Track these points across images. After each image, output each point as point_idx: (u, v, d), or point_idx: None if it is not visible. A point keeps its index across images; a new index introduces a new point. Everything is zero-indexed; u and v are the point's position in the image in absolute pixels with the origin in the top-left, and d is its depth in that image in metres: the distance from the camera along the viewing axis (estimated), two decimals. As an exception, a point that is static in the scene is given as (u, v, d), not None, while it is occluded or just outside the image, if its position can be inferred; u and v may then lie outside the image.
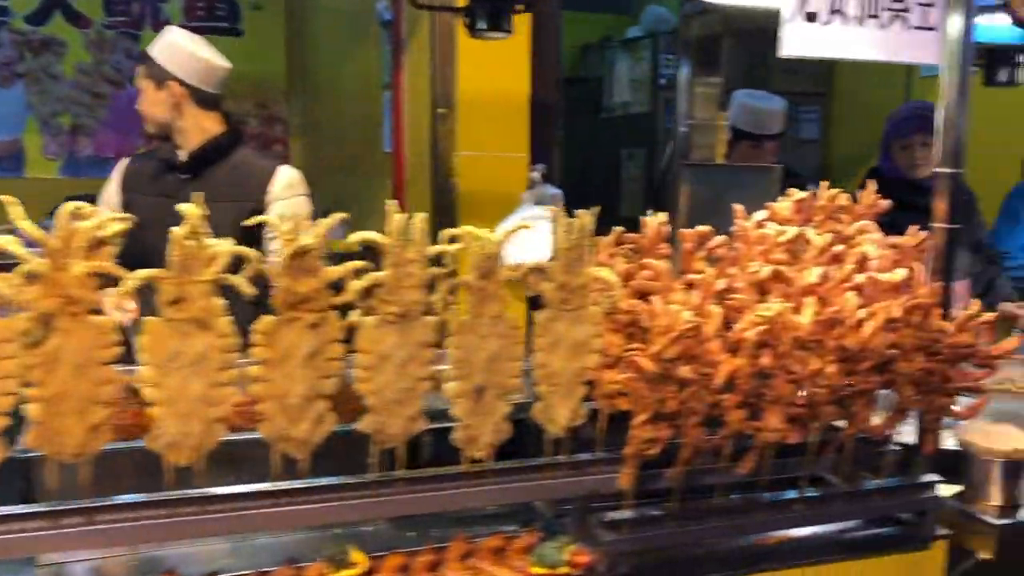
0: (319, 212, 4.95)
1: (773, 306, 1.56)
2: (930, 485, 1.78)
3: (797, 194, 1.90)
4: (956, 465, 1.91)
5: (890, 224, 3.41)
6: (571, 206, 1.89)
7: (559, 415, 1.55)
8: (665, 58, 6.27)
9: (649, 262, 1.61)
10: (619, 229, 1.69)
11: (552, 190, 3.71)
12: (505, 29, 2.51)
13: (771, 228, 1.78)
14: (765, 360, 1.55)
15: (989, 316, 1.70)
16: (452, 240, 1.47)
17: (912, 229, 1.84)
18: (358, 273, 1.39)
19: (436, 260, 1.46)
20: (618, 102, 6.75)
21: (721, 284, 1.65)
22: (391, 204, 1.41)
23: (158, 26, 5.28)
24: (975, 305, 1.70)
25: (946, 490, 1.94)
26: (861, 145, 6.48)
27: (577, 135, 6.75)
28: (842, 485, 1.71)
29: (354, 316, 1.39)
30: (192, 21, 5.78)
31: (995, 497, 1.90)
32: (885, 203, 1.92)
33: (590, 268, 1.53)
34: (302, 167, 6.86)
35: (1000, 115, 5.52)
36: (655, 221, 1.70)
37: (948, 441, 1.95)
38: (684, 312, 1.48)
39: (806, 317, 1.55)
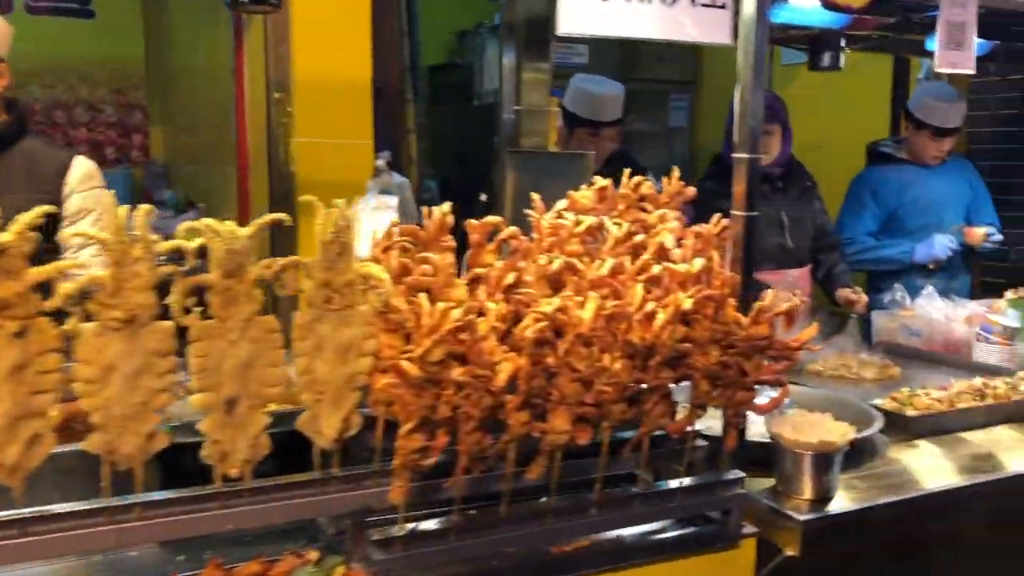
0: (180, 203, 4.67)
1: (554, 301, 1.46)
2: (736, 482, 1.72)
3: (599, 182, 1.82)
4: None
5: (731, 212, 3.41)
6: (446, 196, 1.79)
7: (327, 426, 1.42)
8: (533, 44, 6.19)
9: (427, 256, 1.49)
10: (394, 220, 1.56)
11: (398, 178, 3.57)
12: (272, 3, 2.40)
13: (568, 218, 1.69)
14: (547, 358, 1.45)
15: (786, 307, 1.64)
16: (191, 234, 1.31)
17: (715, 217, 1.77)
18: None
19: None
20: (489, 89, 6.63)
21: (510, 278, 1.55)
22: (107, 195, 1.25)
23: (3, 8, 4.92)
24: (772, 295, 1.64)
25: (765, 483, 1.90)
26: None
27: (451, 123, 6.61)
28: (640, 486, 1.63)
29: (71, 323, 1.23)
30: (38, 1, 5.42)
31: (806, 491, 1.86)
32: (691, 191, 1.85)
33: (356, 263, 1.41)
34: (164, 156, 6.51)
35: (847, 102, 5.64)
36: (438, 212, 1.59)
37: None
38: (453, 310, 1.37)
39: (587, 312, 1.45)
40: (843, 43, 2.68)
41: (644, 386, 1.55)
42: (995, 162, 4.98)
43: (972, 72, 2.34)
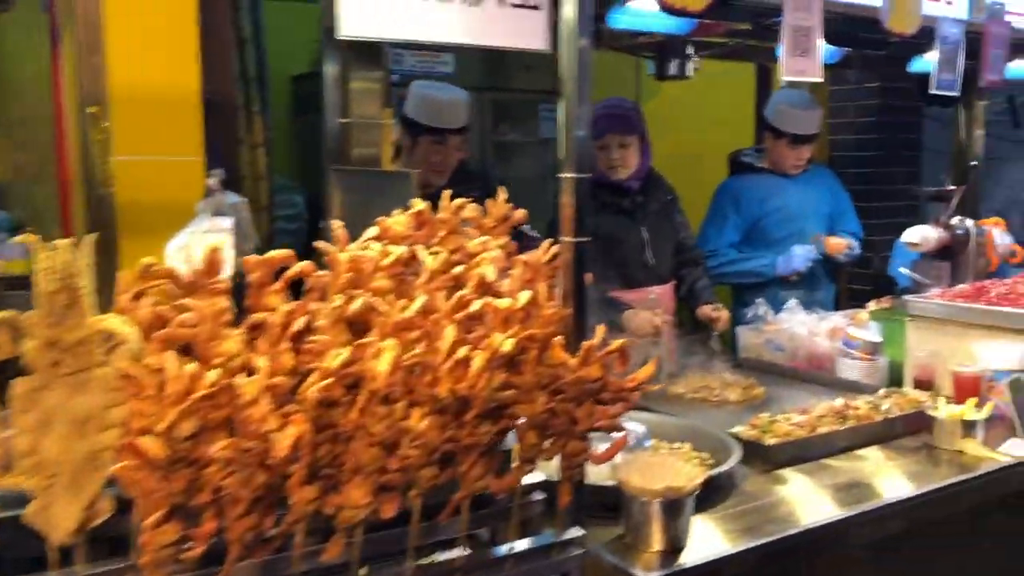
0: (15, 224, 4.12)
1: (343, 352, 1.23)
2: (574, 542, 1.53)
3: (418, 204, 1.60)
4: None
5: (594, 229, 3.25)
6: (315, 211, 1.55)
7: (64, 516, 1.15)
8: (395, 53, 5.95)
9: (187, 302, 1.24)
10: (147, 260, 1.31)
11: (234, 198, 3.28)
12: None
13: (374, 248, 1.47)
14: (339, 421, 1.23)
15: (618, 344, 1.46)
16: None
17: (545, 244, 1.57)
18: None
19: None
20: (352, 100, 6.35)
21: (299, 324, 1.31)
22: None
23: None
24: (601, 331, 1.46)
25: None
26: (599, 142, 6.46)
27: (319, 134, 6.30)
28: (460, 556, 1.41)
29: None
30: None
31: (655, 542, 1.69)
32: (520, 213, 1.65)
33: (92, 317, 1.15)
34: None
35: (714, 112, 5.62)
36: (208, 248, 1.34)
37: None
38: (210, 370, 1.12)
39: (383, 364, 1.23)
40: (691, 51, 2.56)
41: (457, 444, 1.34)
42: (857, 170, 5.01)
43: (819, 79, 2.25)
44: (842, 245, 3.56)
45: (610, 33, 2.77)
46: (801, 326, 3.16)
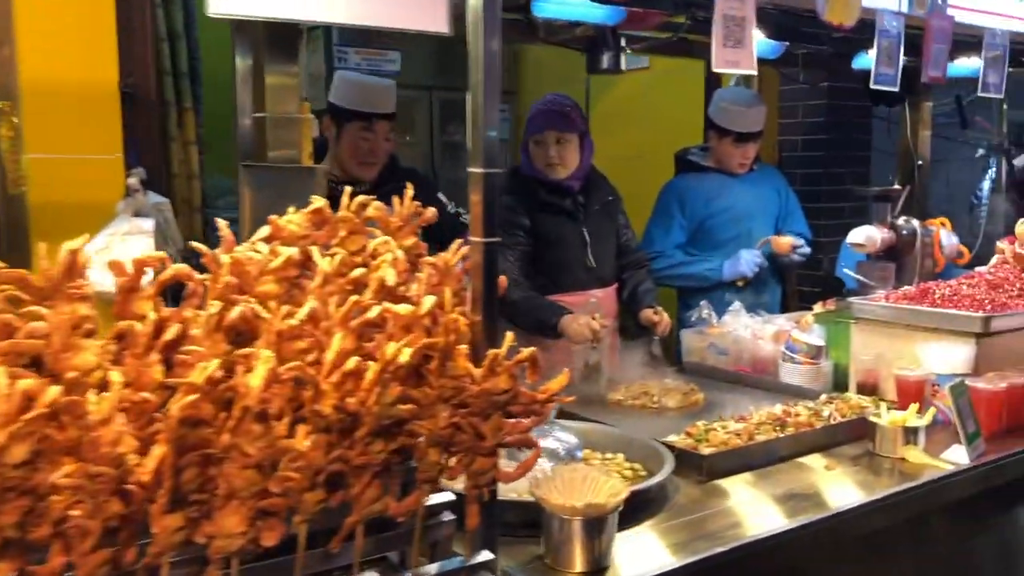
0: None
1: (212, 364, 1.11)
2: (484, 566, 1.42)
3: (317, 201, 1.48)
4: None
5: (531, 228, 3.15)
6: None
7: None
8: (339, 50, 5.81)
9: (37, 310, 1.11)
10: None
11: (156, 198, 3.13)
12: None
13: (261, 250, 1.35)
14: (209, 440, 1.10)
15: (527, 353, 1.35)
16: None
17: (455, 244, 1.46)
18: None
19: None
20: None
21: (172, 333, 1.19)
22: None
23: None
24: (510, 338, 1.35)
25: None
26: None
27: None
28: (356, 587, 1.29)
29: None
30: None
31: (576, 562, 1.58)
32: (430, 212, 1.54)
33: (-81, 327, 1.01)
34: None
35: (664, 110, 5.55)
36: (68, 247, 1.21)
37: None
38: (51, 387, 0.99)
39: (256, 377, 1.11)
40: (623, 43, 2.46)
41: (352, 464, 1.22)
42: (806, 170, 4.97)
43: (753, 72, 2.16)
44: (787, 244, 3.49)
45: (547, 26, 2.66)
46: (745, 329, 3.08)
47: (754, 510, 1.92)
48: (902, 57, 2.52)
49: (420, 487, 1.31)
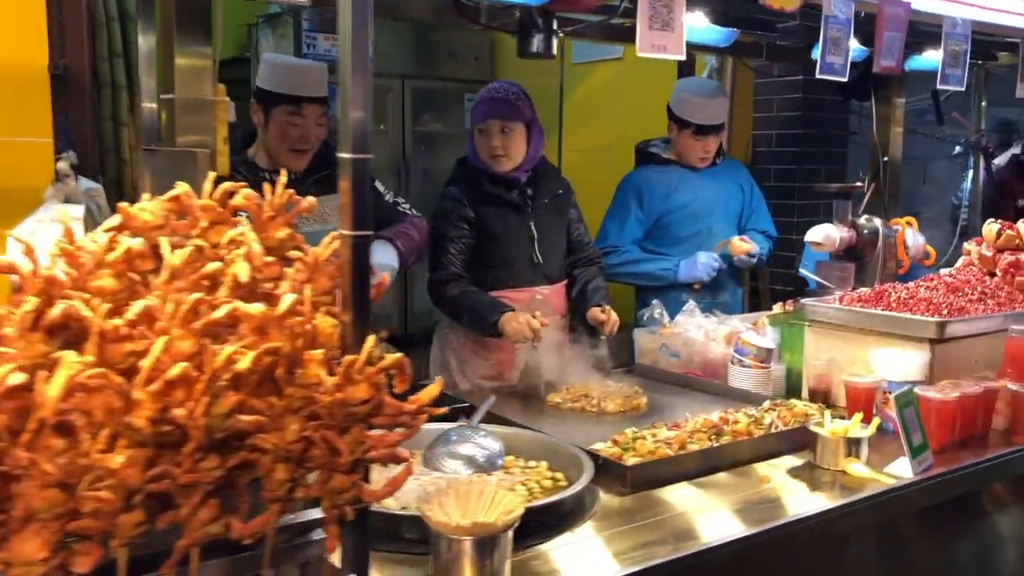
0: None
1: (2, 370, 0.98)
2: (350, 591, 1.29)
3: (180, 187, 1.35)
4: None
5: (475, 221, 3.02)
6: None
7: None
8: (308, 36, 5.67)
9: None
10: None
11: (88, 184, 3.00)
12: None
13: (98, 240, 1.22)
14: (7, 457, 0.98)
15: (393, 359, 1.22)
16: None
17: (325, 239, 1.34)
18: None
19: None
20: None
21: (-17, 332, 1.06)
22: None
23: None
24: (372, 340, 1.22)
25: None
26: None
27: (241, 122, 6.01)
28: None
29: None
30: None
31: (465, 585, 1.46)
32: (308, 202, 1.41)
33: None
34: None
35: (636, 101, 5.41)
36: None
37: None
38: None
39: (54, 386, 0.99)
40: (555, 26, 2.33)
41: (179, 482, 1.09)
42: (780, 166, 4.85)
43: (680, 57, 2.03)
44: (744, 251, 3.35)
45: (488, 10, 2.53)
46: (698, 330, 2.96)
47: (670, 529, 1.79)
48: (852, 47, 2.38)
49: (269, 507, 1.18)
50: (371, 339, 1.22)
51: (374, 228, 2.83)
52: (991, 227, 2.99)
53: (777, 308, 3.15)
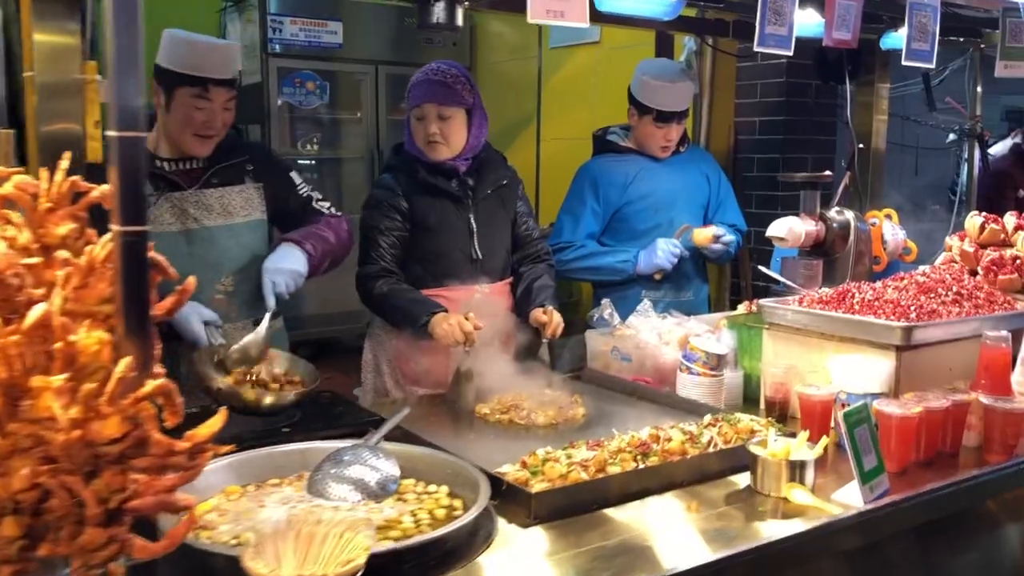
0: None
1: None
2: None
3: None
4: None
5: (408, 212, 2.78)
6: None
7: None
8: (274, 20, 5.44)
9: None
10: None
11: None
12: None
13: None
14: None
15: (156, 385, 0.99)
16: None
17: (105, 238, 1.10)
18: None
19: None
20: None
21: None
22: None
23: None
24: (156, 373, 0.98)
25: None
26: (506, 122, 5.99)
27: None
28: None
29: None
30: None
31: (292, 647, 1.22)
32: (100, 191, 1.18)
33: None
34: None
35: (616, 88, 5.15)
36: None
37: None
38: None
39: None
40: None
41: None
42: (763, 155, 4.59)
43: (584, 24, 1.76)
44: (707, 236, 3.11)
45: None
46: (651, 332, 2.71)
47: (575, 567, 1.55)
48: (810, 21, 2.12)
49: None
50: (125, 361, 0.98)
51: (284, 227, 2.58)
52: (974, 220, 2.73)
53: (742, 308, 2.90)
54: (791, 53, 2.21)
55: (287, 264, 2.33)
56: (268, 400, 2.08)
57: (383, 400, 2.59)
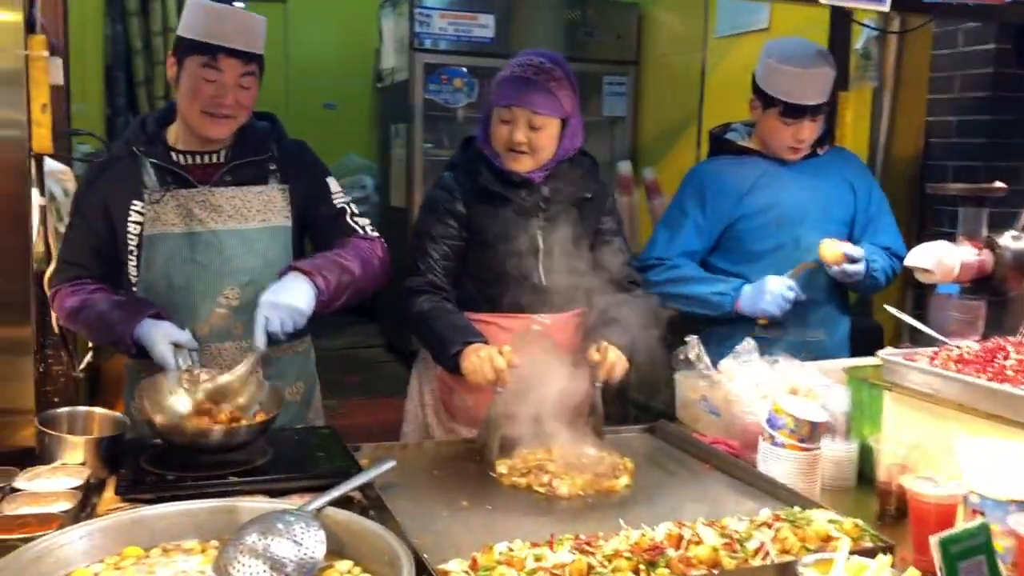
0: None
1: None
2: None
3: None
4: None
5: (467, 219, 2.36)
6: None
7: None
8: (421, 13, 5.20)
9: None
10: None
11: (53, 165, 2.64)
12: None
13: None
14: None
15: None
16: None
17: None
18: None
19: None
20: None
21: None
22: None
23: None
24: None
25: None
26: (669, 122, 5.44)
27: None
28: None
29: None
30: None
31: None
32: None
33: None
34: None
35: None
36: None
37: None
38: None
39: None
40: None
41: None
42: (960, 162, 3.77)
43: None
44: (839, 253, 2.45)
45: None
46: (746, 381, 2.15)
47: None
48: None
49: None
50: None
51: (313, 239, 2.20)
52: None
53: (878, 357, 2.25)
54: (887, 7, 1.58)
55: (287, 299, 1.97)
56: (215, 436, 1.75)
57: (386, 444, 2.17)
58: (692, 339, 2.24)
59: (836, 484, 1.91)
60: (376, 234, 2.27)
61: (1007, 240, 2.08)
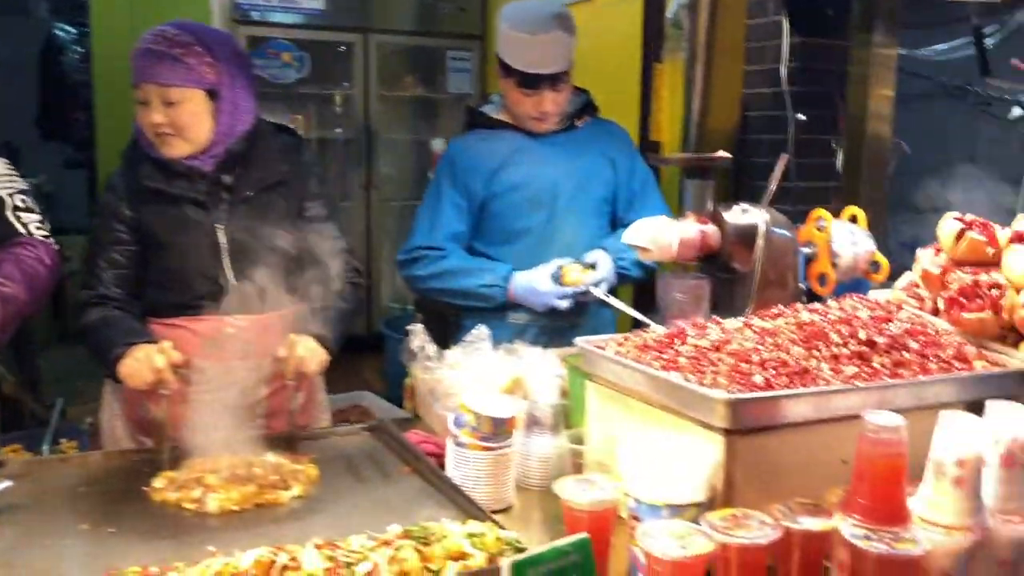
0: None
1: None
2: None
3: None
4: None
5: (137, 222, 2.04)
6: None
7: None
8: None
9: None
10: None
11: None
12: None
13: None
14: None
15: None
16: None
17: None
18: None
19: None
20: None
21: None
22: None
23: None
24: None
25: None
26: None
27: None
28: None
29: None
30: None
31: None
32: None
33: None
34: None
35: (600, 50, 4.26)
36: None
37: None
38: None
39: None
40: None
41: None
42: (777, 135, 3.66)
43: None
44: (576, 280, 2.27)
45: None
46: (470, 372, 1.97)
47: None
48: None
49: None
50: None
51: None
52: (950, 227, 1.82)
53: (580, 341, 2.07)
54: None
55: None
56: None
57: (39, 459, 1.91)
58: (416, 328, 2.04)
59: (547, 483, 1.74)
60: (44, 234, 2.02)
61: (734, 215, 1.93)
